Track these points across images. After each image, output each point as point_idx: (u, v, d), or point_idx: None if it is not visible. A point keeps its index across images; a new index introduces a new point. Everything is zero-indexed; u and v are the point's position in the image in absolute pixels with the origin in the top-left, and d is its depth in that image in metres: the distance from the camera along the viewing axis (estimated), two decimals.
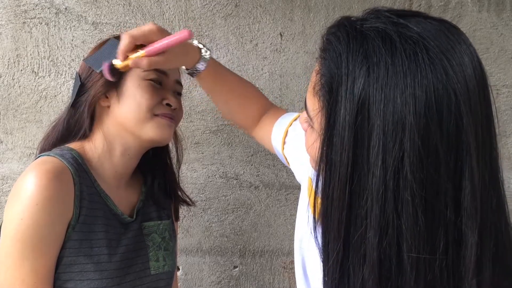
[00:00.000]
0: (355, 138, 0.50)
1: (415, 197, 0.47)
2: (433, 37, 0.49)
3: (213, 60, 0.87)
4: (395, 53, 0.48)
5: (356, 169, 0.50)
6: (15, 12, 1.24)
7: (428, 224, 0.48)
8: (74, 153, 0.81)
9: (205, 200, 1.31)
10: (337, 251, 0.53)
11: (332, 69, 0.52)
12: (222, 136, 1.30)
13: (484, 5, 1.29)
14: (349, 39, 0.52)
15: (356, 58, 0.50)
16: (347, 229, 0.52)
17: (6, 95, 1.26)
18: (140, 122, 0.82)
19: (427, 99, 0.47)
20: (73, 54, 1.26)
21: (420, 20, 0.51)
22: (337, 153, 0.51)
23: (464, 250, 0.48)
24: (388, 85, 0.48)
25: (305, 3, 1.28)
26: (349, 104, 0.50)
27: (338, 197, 0.52)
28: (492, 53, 1.30)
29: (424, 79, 0.47)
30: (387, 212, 0.49)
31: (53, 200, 0.72)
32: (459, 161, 0.48)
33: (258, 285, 1.34)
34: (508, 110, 1.31)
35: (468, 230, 0.48)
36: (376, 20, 0.52)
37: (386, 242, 0.49)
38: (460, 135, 0.48)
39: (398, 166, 0.48)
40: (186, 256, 1.32)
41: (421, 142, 0.47)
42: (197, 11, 1.27)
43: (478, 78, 0.49)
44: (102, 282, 0.77)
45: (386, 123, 0.48)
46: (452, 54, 0.48)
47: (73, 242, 0.76)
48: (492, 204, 0.50)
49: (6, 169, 1.27)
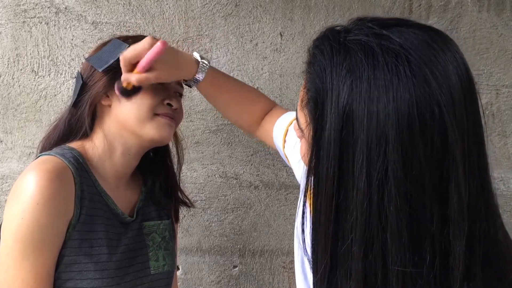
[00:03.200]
0: (341, 152, 0.50)
1: (400, 210, 0.47)
2: (415, 48, 0.48)
3: (212, 70, 0.88)
4: (377, 67, 0.48)
5: (342, 183, 0.50)
6: (15, 12, 1.24)
7: (414, 237, 0.48)
8: (75, 152, 0.81)
9: (205, 200, 1.31)
10: (325, 264, 0.53)
11: (317, 83, 0.53)
12: (222, 135, 1.30)
13: (484, 5, 1.29)
14: (333, 53, 0.52)
15: (340, 72, 0.50)
16: (334, 242, 0.52)
17: (6, 95, 1.26)
18: (141, 121, 0.82)
19: (409, 113, 0.46)
20: (73, 53, 1.26)
21: (403, 30, 0.50)
22: (323, 167, 0.51)
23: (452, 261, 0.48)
24: (371, 99, 0.48)
25: (305, 3, 1.28)
26: (334, 118, 0.50)
27: (325, 211, 0.52)
28: (492, 53, 1.30)
29: (406, 92, 0.47)
30: (372, 225, 0.49)
31: (53, 200, 0.72)
32: (445, 171, 0.48)
33: (258, 284, 1.34)
34: (508, 110, 1.31)
35: (455, 241, 0.48)
36: (359, 32, 0.52)
37: (372, 256, 0.49)
38: (445, 146, 0.47)
39: (382, 179, 0.47)
40: (185, 255, 1.32)
41: (405, 156, 0.47)
42: (197, 10, 1.27)
43: (464, 86, 0.49)
44: (102, 282, 0.77)
45: (370, 136, 0.48)
46: (435, 65, 0.48)
47: (74, 241, 0.76)
48: (481, 212, 0.50)
49: (5, 168, 1.27)
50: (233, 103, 0.94)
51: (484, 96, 1.31)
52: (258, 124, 0.98)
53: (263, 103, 0.98)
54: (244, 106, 0.96)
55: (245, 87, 0.98)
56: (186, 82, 0.87)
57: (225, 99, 0.93)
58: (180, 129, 1.02)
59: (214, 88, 0.90)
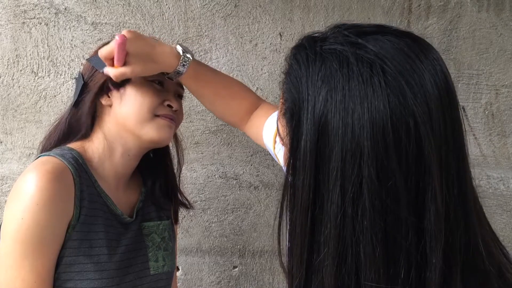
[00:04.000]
0: (316, 164, 0.49)
1: (374, 224, 0.47)
2: (391, 57, 0.47)
3: (196, 64, 0.87)
4: (352, 77, 0.47)
5: (318, 194, 0.49)
6: (15, 12, 1.24)
7: (388, 251, 0.47)
8: (75, 153, 0.81)
9: (205, 200, 1.31)
10: (300, 277, 0.52)
11: (293, 94, 0.52)
12: (222, 136, 1.30)
13: (484, 5, 1.29)
14: (309, 62, 0.51)
15: (315, 83, 0.49)
16: (309, 255, 0.51)
17: (6, 95, 1.26)
18: (141, 122, 0.82)
19: (384, 124, 0.46)
20: (72, 54, 1.26)
21: (379, 39, 0.49)
22: (299, 178, 0.51)
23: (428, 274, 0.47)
24: (345, 110, 0.47)
25: (304, 3, 1.28)
26: (310, 129, 0.49)
27: (301, 223, 0.51)
28: (491, 53, 1.30)
29: (380, 103, 0.46)
30: (345, 239, 0.48)
31: (53, 200, 0.72)
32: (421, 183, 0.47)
33: (258, 285, 1.34)
34: (508, 110, 1.31)
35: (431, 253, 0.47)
36: (334, 40, 0.51)
37: (345, 270, 0.48)
38: (421, 158, 0.46)
39: (357, 192, 0.47)
40: (185, 256, 1.32)
41: (379, 168, 0.46)
42: (196, 11, 1.27)
43: (442, 94, 0.48)
44: (102, 282, 0.77)
45: (344, 148, 0.47)
46: (411, 74, 0.47)
47: (73, 242, 0.76)
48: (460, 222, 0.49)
49: (5, 169, 1.27)
50: (217, 98, 0.93)
51: (483, 96, 1.31)
52: (245, 120, 0.96)
53: (249, 99, 0.96)
54: (229, 101, 0.94)
55: (230, 81, 0.96)
56: (168, 75, 0.86)
57: (209, 94, 0.92)
58: (180, 130, 1.02)
59: (197, 82, 0.89)
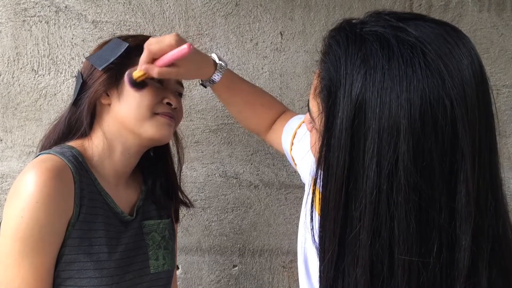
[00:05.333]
0: (352, 141, 0.50)
1: (409, 201, 0.48)
2: (431, 41, 0.49)
3: (229, 72, 0.88)
4: (392, 58, 0.48)
5: (352, 171, 0.51)
6: (15, 10, 1.24)
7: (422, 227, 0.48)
8: (74, 151, 0.81)
9: (205, 199, 1.31)
10: (332, 251, 0.53)
11: (331, 72, 0.53)
12: (222, 135, 1.30)
13: (485, 5, 1.29)
14: (348, 43, 0.52)
15: (354, 62, 0.50)
16: (342, 229, 0.52)
17: (6, 93, 1.26)
18: (140, 120, 0.82)
19: (422, 104, 0.47)
20: (73, 52, 1.25)
21: (419, 24, 0.51)
22: (334, 155, 0.52)
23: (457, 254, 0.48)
24: (384, 89, 0.48)
25: (305, 2, 1.28)
26: (347, 107, 0.50)
27: (334, 198, 0.52)
28: (492, 53, 1.30)
29: (419, 84, 0.47)
30: (380, 214, 0.49)
31: (53, 198, 0.72)
32: (454, 165, 0.48)
33: (258, 284, 1.34)
34: (508, 110, 1.31)
35: (461, 234, 0.48)
36: (375, 24, 0.52)
37: (379, 244, 0.49)
38: (455, 140, 0.47)
39: (392, 170, 0.48)
40: (185, 255, 1.32)
41: (415, 147, 0.47)
42: (197, 9, 1.27)
43: (477, 82, 0.49)
44: (102, 280, 0.77)
45: (381, 126, 0.48)
46: (449, 58, 0.48)
47: (73, 240, 0.76)
48: (490, 207, 0.50)
49: (5, 167, 1.27)
50: (246, 107, 0.95)
51: None
52: (269, 128, 0.98)
53: (276, 109, 0.98)
54: (257, 110, 0.96)
55: (260, 91, 0.98)
56: (202, 83, 0.88)
57: (238, 102, 0.94)
58: (180, 129, 1.02)
59: (228, 91, 0.90)
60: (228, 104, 0.95)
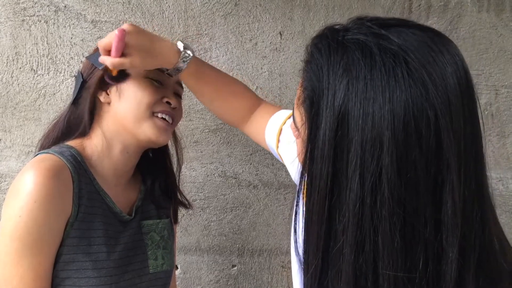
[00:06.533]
0: (335, 152, 0.49)
1: (393, 214, 0.47)
2: (414, 49, 0.48)
3: (196, 60, 0.86)
4: (374, 67, 0.47)
5: (336, 183, 0.50)
6: (14, 10, 1.24)
7: (406, 241, 0.47)
8: (73, 150, 0.81)
9: (204, 199, 1.31)
10: (316, 265, 0.52)
11: (314, 82, 0.52)
12: (221, 135, 1.30)
13: (484, 5, 1.29)
14: (330, 51, 0.51)
15: (337, 72, 0.49)
16: (326, 243, 0.51)
17: (5, 93, 1.25)
18: (138, 119, 0.82)
19: (405, 115, 0.46)
20: (72, 52, 1.25)
21: (402, 31, 0.50)
22: (317, 166, 0.51)
23: (444, 267, 0.48)
24: (366, 99, 0.47)
25: (304, 2, 1.28)
26: (329, 118, 0.49)
27: (318, 211, 0.51)
28: (491, 54, 1.30)
29: (402, 94, 0.46)
30: (364, 228, 0.48)
31: (51, 198, 0.72)
32: (440, 176, 0.47)
33: (257, 284, 1.34)
34: (507, 111, 1.31)
35: (448, 247, 0.47)
36: (357, 31, 0.51)
37: (362, 259, 0.48)
38: (440, 151, 0.47)
39: (376, 182, 0.47)
40: (184, 254, 1.32)
41: (399, 159, 0.46)
42: (196, 9, 1.27)
43: (462, 89, 0.48)
44: (101, 280, 0.77)
45: (364, 138, 0.47)
46: (433, 67, 0.47)
47: (72, 239, 0.76)
48: (476, 217, 0.49)
49: (4, 167, 1.27)
50: (218, 96, 0.92)
51: (483, 97, 1.31)
52: (245, 119, 0.96)
53: (249, 98, 0.96)
54: (230, 99, 0.94)
55: (231, 80, 0.96)
56: (168, 71, 0.85)
57: (210, 91, 0.91)
58: (179, 129, 1.02)
59: (198, 80, 0.88)
60: (198, 94, 0.92)
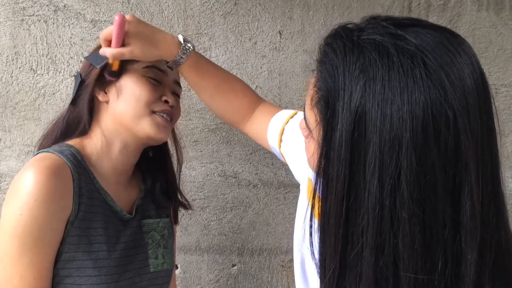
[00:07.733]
0: (352, 154, 0.48)
1: (412, 216, 0.46)
2: (431, 50, 0.47)
3: (197, 54, 0.86)
4: (392, 68, 0.47)
5: (353, 185, 0.49)
6: (14, 9, 1.24)
7: (426, 243, 0.47)
8: (73, 149, 0.81)
9: (204, 199, 1.31)
10: (334, 268, 0.52)
11: (329, 83, 0.51)
12: (221, 134, 1.30)
13: (483, 4, 1.29)
14: (346, 51, 0.50)
15: (353, 73, 0.49)
16: (343, 246, 0.51)
17: (4, 93, 1.25)
18: (137, 117, 0.82)
19: (424, 116, 0.45)
20: (71, 51, 1.25)
21: (418, 31, 0.49)
22: (334, 168, 0.50)
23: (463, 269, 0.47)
24: (384, 101, 0.46)
25: (304, 1, 1.28)
26: (346, 120, 0.48)
27: (335, 214, 0.51)
28: (491, 52, 1.30)
29: (421, 96, 0.46)
30: (383, 230, 0.47)
31: (51, 196, 0.72)
32: (458, 177, 0.47)
33: (257, 283, 1.34)
34: (507, 109, 1.31)
35: (467, 248, 0.47)
36: (373, 31, 0.50)
37: (383, 262, 0.48)
38: (458, 152, 0.46)
39: (395, 184, 0.46)
40: (184, 254, 1.32)
41: (418, 160, 0.46)
42: (196, 9, 1.27)
43: (479, 90, 0.48)
44: (101, 279, 0.77)
45: (383, 140, 0.46)
46: (451, 67, 0.47)
47: (72, 238, 0.76)
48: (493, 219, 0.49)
49: (4, 166, 1.27)
50: (218, 92, 0.91)
51: None
52: (246, 118, 0.95)
53: (250, 96, 0.95)
54: (230, 96, 0.93)
55: (230, 77, 0.95)
56: (168, 64, 0.85)
57: (210, 86, 0.90)
58: (178, 128, 1.02)
59: (198, 74, 0.87)
60: (198, 89, 0.91)
